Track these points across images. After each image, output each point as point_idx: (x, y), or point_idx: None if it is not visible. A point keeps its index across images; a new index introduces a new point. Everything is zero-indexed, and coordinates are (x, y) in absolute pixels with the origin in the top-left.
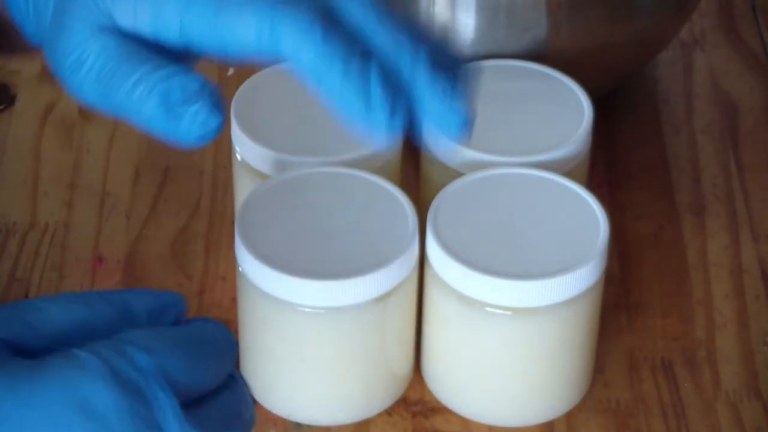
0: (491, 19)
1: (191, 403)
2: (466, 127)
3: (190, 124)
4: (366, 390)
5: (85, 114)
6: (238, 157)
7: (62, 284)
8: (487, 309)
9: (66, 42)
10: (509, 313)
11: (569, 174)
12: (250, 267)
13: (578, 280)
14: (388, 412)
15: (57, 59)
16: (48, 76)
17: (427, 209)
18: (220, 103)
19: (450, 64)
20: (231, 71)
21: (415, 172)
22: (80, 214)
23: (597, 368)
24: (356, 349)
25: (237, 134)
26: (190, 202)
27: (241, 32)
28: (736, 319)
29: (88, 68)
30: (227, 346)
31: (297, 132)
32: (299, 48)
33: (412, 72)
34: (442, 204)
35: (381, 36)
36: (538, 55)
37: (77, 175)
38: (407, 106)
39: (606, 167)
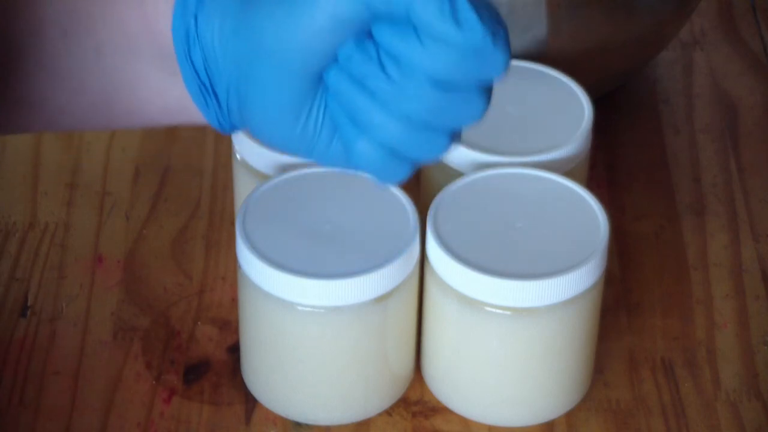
0: None
1: None
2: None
3: None
4: (366, 390)
5: None
6: (238, 157)
7: (62, 284)
8: (487, 309)
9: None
10: (509, 313)
11: (569, 174)
12: (251, 266)
13: (578, 280)
14: (388, 412)
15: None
16: None
17: (427, 209)
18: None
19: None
20: None
21: (415, 172)
22: (80, 214)
23: (597, 368)
24: (356, 349)
25: (237, 134)
26: (190, 202)
27: None
28: (736, 319)
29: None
30: None
31: None
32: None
33: None
34: (442, 204)
35: None
36: (538, 55)
37: (77, 175)
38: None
39: (606, 167)
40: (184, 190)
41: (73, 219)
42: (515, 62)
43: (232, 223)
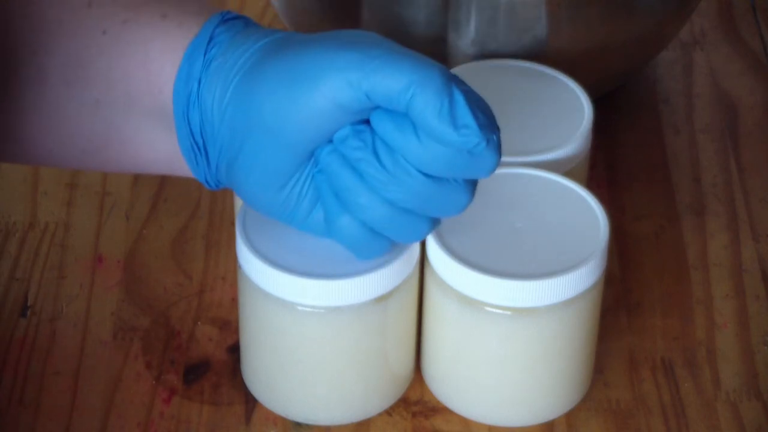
0: (491, 19)
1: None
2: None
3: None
4: (366, 390)
5: None
6: None
7: (62, 284)
8: (487, 309)
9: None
10: (509, 313)
11: (569, 174)
12: (251, 266)
13: (578, 280)
14: (388, 412)
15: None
16: None
17: None
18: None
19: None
20: None
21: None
22: (80, 214)
23: (597, 368)
24: (356, 349)
25: None
26: (190, 202)
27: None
28: (736, 319)
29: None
30: None
31: None
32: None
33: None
34: None
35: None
36: (538, 55)
37: (77, 175)
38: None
39: (606, 167)
40: (184, 190)
41: (73, 219)
42: (515, 62)
43: (232, 223)
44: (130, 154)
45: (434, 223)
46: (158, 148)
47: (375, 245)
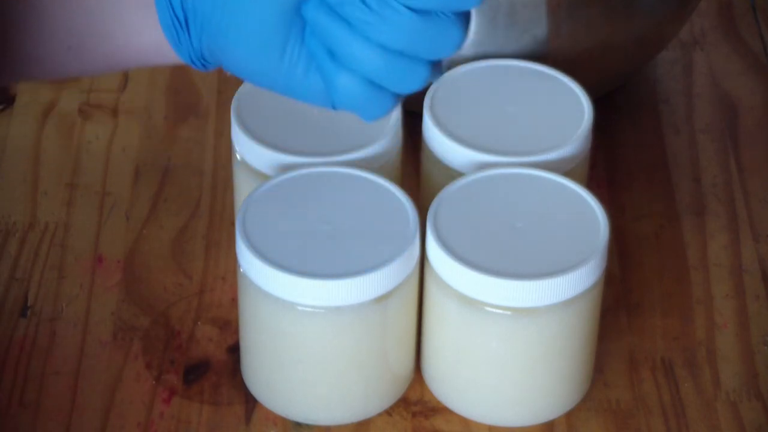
0: (491, 19)
1: None
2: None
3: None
4: (366, 390)
5: (85, 113)
6: (238, 157)
7: (62, 284)
8: (487, 309)
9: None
10: (509, 313)
11: (569, 174)
12: (251, 266)
13: (578, 280)
14: (388, 412)
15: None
16: None
17: (427, 209)
18: None
19: None
20: None
21: (415, 172)
22: (80, 214)
23: (597, 368)
24: (356, 349)
25: (237, 134)
26: (190, 202)
27: None
28: (736, 319)
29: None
30: None
31: (297, 132)
32: None
33: None
34: (442, 204)
35: None
36: (538, 55)
37: (77, 175)
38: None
39: (606, 167)
40: (184, 190)
41: (73, 219)
42: (515, 62)
43: (232, 223)
44: (118, 44)
45: (433, 68)
46: (144, 34)
47: (378, 101)
